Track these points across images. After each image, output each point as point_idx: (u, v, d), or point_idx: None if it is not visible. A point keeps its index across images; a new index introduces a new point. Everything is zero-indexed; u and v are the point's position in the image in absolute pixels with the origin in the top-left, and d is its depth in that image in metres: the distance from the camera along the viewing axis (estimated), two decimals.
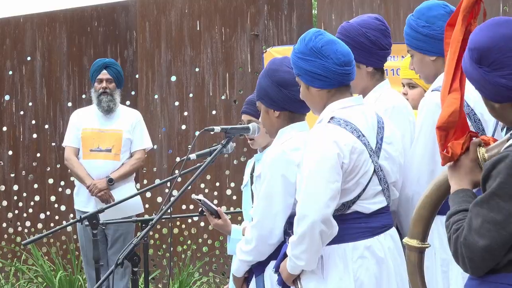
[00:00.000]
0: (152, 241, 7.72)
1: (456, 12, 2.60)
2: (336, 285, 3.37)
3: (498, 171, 2.25)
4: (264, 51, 7.41)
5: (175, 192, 6.63)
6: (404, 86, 4.97)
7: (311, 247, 3.27)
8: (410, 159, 3.74)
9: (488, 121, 3.55)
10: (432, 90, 3.72)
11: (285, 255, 3.46)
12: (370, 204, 3.45)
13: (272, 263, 3.66)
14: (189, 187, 4.19)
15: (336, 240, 3.36)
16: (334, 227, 3.28)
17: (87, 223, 4.71)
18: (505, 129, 2.86)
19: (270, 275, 3.71)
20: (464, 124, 2.57)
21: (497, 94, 2.38)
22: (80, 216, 5.37)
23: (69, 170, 7.16)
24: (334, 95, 3.47)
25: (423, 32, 3.75)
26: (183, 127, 7.98)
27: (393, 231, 3.56)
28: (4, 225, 8.04)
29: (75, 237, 7.63)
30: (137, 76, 7.95)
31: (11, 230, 7.95)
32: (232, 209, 7.60)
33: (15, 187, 7.95)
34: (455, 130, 2.53)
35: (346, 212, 3.39)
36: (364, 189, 3.41)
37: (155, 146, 7.78)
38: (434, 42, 3.70)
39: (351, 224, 3.42)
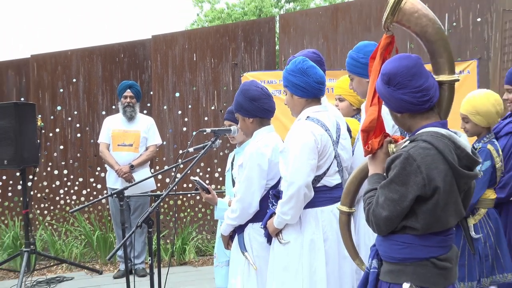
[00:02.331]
0: (162, 210, 7.81)
1: (376, 49, 2.78)
2: (310, 236, 3.52)
3: (395, 164, 2.48)
4: (242, 75, 7.76)
5: (178, 175, 6.70)
6: (336, 100, 4.77)
7: (296, 204, 3.43)
8: (356, 154, 3.87)
9: None
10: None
11: (271, 215, 3.61)
12: (332, 179, 3.61)
13: (250, 225, 3.82)
14: (189, 171, 4.20)
15: (310, 205, 3.52)
16: (312, 191, 3.48)
17: (116, 196, 4.70)
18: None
19: (248, 233, 3.83)
20: (381, 127, 2.76)
21: (399, 107, 2.60)
22: (111, 192, 5.50)
23: (102, 159, 7.25)
24: (309, 103, 3.66)
25: (362, 61, 3.80)
26: (184, 129, 8.05)
27: None
28: (57, 198, 7.99)
29: (107, 206, 7.75)
30: (151, 93, 8.06)
31: (62, 202, 8.01)
32: (219, 187, 7.82)
33: (65, 171, 8.02)
34: (374, 132, 2.73)
35: (317, 185, 3.54)
36: (328, 168, 3.57)
37: (164, 142, 7.81)
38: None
39: (320, 194, 3.56)
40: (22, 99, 7.97)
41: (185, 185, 7.95)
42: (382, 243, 2.64)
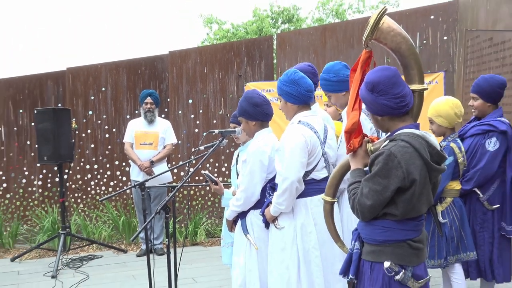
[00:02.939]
0: (177, 198, 7.77)
1: (357, 63, 2.77)
2: (301, 222, 3.53)
3: (378, 160, 2.48)
4: (245, 85, 7.79)
5: (191, 169, 6.01)
6: (324, 105, 4.87)
7: (289, 196, 3.46)
8: (339, 151, 3.81)
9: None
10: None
11: (267, 205, 3.62)
12: (320, 174, 3.60)
13: (251, 212, 3.80)
14: (200, 166, 4.16)
15: (300, 196, 3.54)
16: (302, 185, 3.51)
17: (138, 187, 4.61)
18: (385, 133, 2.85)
19: (250, 218, 3.82)
20: (360, 129, 2.76)
21: (381, 110, 2.60)
22: (134, 183, 5.72)
23: (127, 156, 7.21)
24: (301, 109, 3.66)
25: (333, 80, 3.85)
26: (196, 130, 8.02)
27: None
28: (89, 189, 7.98)
29: (131, 196, 7.68)
30: (168, 100, 8.01)
31: (93, 192, 8.00)
32: (225, 179, 7.80)
33: (95, 166, 8.00)
34: (355, 133, 2.74)
35: (306, 178, 3.54)
36: (316, 164, 3.57)
37: (179, 142, 7.80)
38: (341, 84, 3.86)
39: (309, 186, 3.56)
40: (60, 105, 7.97)
41: (197, 178, 7.94)
42: (364, 228, 2.63)
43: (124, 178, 8.10)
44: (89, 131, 8.09)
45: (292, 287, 3.53)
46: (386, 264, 2.50)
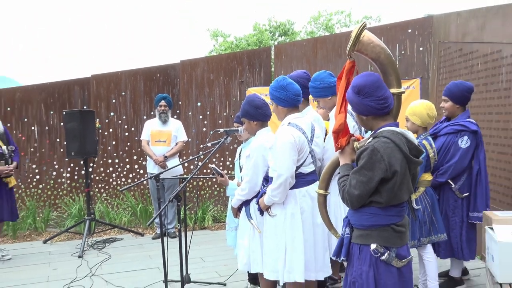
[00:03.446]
0: (187, 189, 7.75)
1: (342, 71, 2.78)
2: (290, 211, 3.52)
3: (363, 155, 2.49)
4: (246, 89, 7.84)
5: (200, 163, 6.01)
6: (316, 107, 4.66)
7: (283, 190, 3.46)
8: (327, 147, 3.85)
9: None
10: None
11: (261, 195, 3.63)
12: (307, 168, 3.60)
13: (254, 200, 3.78)
14: (207, 160, 4.16)
15: (291, 188, 3.52)
16: (294, 179, 3.49)
17: (153, 179, 4.56)
18: (369, 132, 2.85)
19: (253, 206, 3.80)
20: (347, 129, 2.76)
21: (366, 111, 2.60)
22: (150, 175, 5.76)
23: (144, 152, 7.17)
24: (290, 111, 3.65)
25: (319, 87, 3.93)
26: (204, 129, 8.00)
27: (317, 183, 3.46)
28: (111, 180, 7.97)
29: (147, 186, 7.68)
30: (179, 103, 7.97)
31: (114, 183, 8.00)
32: (229, 172, 7.05)
33: (116, 160, 8.00)
34: (342, 133, 2.75)
35: (295, 172, 3.51)
36: (304, 160, 3.56)
37: (189, 139, 7.75)
38: (327, 90, 3.94)
39: (298, 179, 3.54)
40: (85, 107, 7.95)
41: (205, 171, 7.91)
42: (353, 215, 2.63)
43: (141, 171, 8.10)
44: (110, 130, 8.09)
45: (280, 268, 3.54)
46: (373, 246, 2.52)
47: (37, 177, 7.98)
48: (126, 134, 8.11)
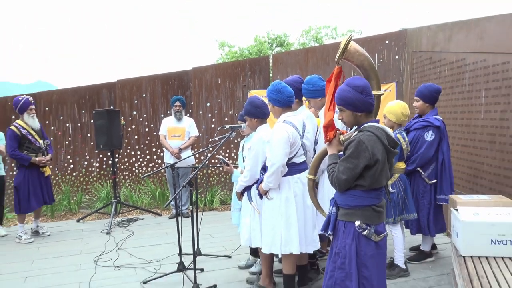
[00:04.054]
0: (198, 176, 7.06)
1: (331, 76, 2.76)
2: (285, 195, 3.49)
3: (351, 146, 2.50)
4: (248, 92, 7.74)
5: (209, 154, 6.27)
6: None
7: (276, 177, 3.44)
8: (320, 141, 3.81)
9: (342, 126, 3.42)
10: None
11: (261, 182, 3.58)
12: (299, 159, 3.56)
13: (254, 185, 3.72)
14: (215, 152, 4.14)
15: (285, 175, 3.50)
16: (286, 168, 3.46)
17: (170, 167, 4.56)
18: (354, 127, 2.78)
19: (253, 191, 3.74)
20: (333, 125, 2.75)
21: (365, 108, 2.56)
22: (167, 165, 5.57)
23: (161, 145, 7.16)
24: (285, 110, 3.60)
25: (311, 89, 3.84)
26: (212, 126, 7.93)
27: (307, 171, 3.39)
28: (133, 168, 7.95)
29: (165, 174, 7.64)
30: (192, 103, 7.93)
31: (136, 171, 7.99)
32: (234, 162, 7.63)
33: (138, 152, 7.98)
34: (330, 127, 2.75)
35: (289, 162, 3.50)
36: (297, 152, 3.52)
37: (200, 134, 7.73)
38: (318, 92, 3.85)
39: (291, 168, 3.51)
40: (112, 107, 7.94)
41: (213, 161, 7.89)
42: (340, 196, 2.64)
43: (159, 161, 8.08)
44: (133, 126, 8.07)
45: (277, 242, 3.53)
46: (357, 223, 2.53)
47: (71, 166, 7.99)
48: (146, 129, 8.10)
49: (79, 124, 8.02)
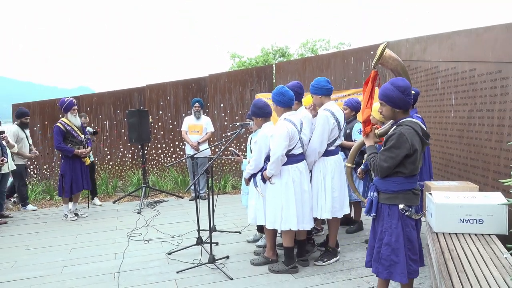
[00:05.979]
0: (214, 165, 7.61)
1: (368, 78, 2.65)
2: (285, 180, 3.45)
3: (392, 138, 2.42)
4: (255, 95, 7.56)
5: (222, 147, 6.14)
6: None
7: (277, 165, 3.40)
8: (312, 137, 3.69)
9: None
10: (324, 109, 3.61)
11: (264, 170, 3.55)
12: (297, 151, 3.51)
13: (259, 173, 3.65)
14: (227, 145, 4.08)
15: (285, 164, 3.46)
16: (285, 158, 3.43)
17: (190, 158, 4.38)
18: (389, 122, 2.70)
19: (258, 177, 3.67)
20: (370, 121, 2.68)
21: (403, 105, 2.47)
22: (188, 156, 5.64)
23: (183, 139, 7.14)
24: (286, 110, 3.54)
25: (315, 85, 3.68)
26: (225, 123, 7.86)
27: (304, 161, 3.58)
28: (159, 159, 7.90)
29: (186, 163, 7.41)
30: (208, 104, 7.86)
31: (162, 161, 7.93)
32: (243, 153, 7.40)
33: (164, 145, 7.92)
34: (367, 123, 2.67)
35: (289, 154, 3.46)
36: (295, 145, 3.47)
37: (215, 130, 7.65)
38: (320, 90, 3.67)
39: (290, 159, 3.47)
40: (142, 107, 7.93)
41: (226, 153, 7.83)
42: (381, 182, 2.54)
43: (181, 153, 8.05)
44: (159, 123, 8.02)
45: (278, 220, 3.51)
46: (401, 206, 2.48)
47: (108, 157, 8.00)
48: (170, 126, 8.07)
49: (114, 122, 7.99)
